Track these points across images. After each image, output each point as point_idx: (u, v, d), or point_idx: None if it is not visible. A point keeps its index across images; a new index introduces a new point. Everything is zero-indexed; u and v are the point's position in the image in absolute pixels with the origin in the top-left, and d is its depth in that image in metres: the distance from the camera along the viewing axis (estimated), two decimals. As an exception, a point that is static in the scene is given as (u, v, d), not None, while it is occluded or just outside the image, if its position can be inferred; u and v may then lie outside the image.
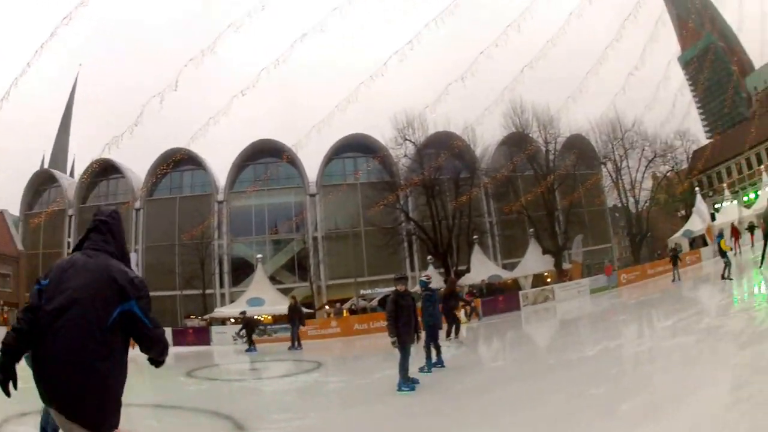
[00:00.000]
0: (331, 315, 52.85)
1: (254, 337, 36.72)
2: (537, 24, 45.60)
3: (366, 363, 25.53)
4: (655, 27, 52.65)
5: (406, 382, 13.98)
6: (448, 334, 25.63)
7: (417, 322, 15.29)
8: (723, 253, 29.56)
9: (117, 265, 5.04)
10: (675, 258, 40.15)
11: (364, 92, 44.86)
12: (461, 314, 35.29)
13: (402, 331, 14.14)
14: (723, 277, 28.24)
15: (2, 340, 4.81)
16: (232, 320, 51.86)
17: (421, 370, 16.35)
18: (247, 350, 35.34)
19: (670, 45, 76.01)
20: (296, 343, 32.85)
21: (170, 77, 39.91)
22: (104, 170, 72.74)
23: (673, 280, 38.45)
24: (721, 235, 32.69)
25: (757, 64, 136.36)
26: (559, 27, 47.34)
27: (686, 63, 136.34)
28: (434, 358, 17.66)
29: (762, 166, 78.66)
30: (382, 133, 69.70)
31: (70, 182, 79.96)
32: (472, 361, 21.51)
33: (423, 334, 16.51)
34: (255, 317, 44.65)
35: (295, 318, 33.84)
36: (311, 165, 75.88)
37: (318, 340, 40.43)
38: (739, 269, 31.15)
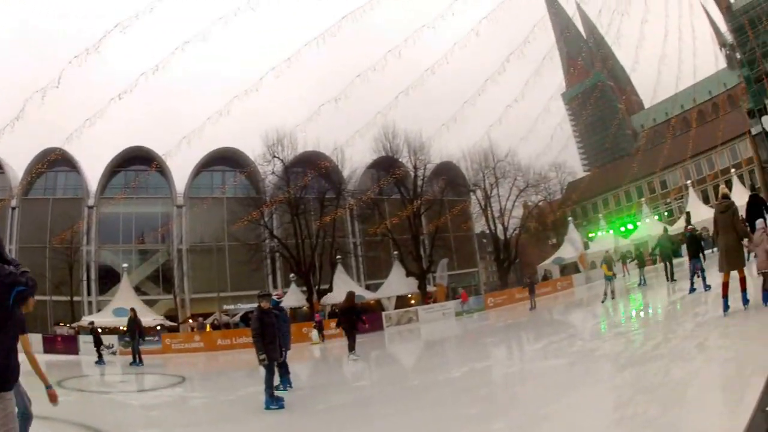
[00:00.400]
0: (195, 329, 51.83)
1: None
2: (420, 51, 45.93)
3: (230, 379, 24.84)
4: (542, 63, 53.32)
5: (274, 400, 13.90)
6: (351, 349, 24.93)
7: (281, 340, 15.46)
8: (608, 278, 30.36)
9: None
10: (531, 286, 41.70)
11: (238, 106, 44.46)
12: (313, 335, 35.42)
13: (267, 348, 14.08)
14: (603, 301, 29.39)
15: None
16: (99, 330, 50.97)
17: (276, 388, 15.70)
18: (96, 362, 34.22)
19: (555, 81, 77.01)
20: (137, 358, 31.34)
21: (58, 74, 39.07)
22: None
23: (531, 308, 39.10)
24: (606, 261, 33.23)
25: (648, 104, 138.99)
26: (441, 56, 47.75)
27: (570, 99, 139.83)
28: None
29: (642, 199, 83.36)
30: (253, 149, 69.45)
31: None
32: (335, 380, 21.16)
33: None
34: (99, 329, 43.85)
35: (135, 331, 32.24)
36: (182, 176, 74.94)
37: (181, 354, 40.53)
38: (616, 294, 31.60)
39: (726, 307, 14.16)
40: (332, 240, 67.79)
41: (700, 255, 21.45)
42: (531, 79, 50.87)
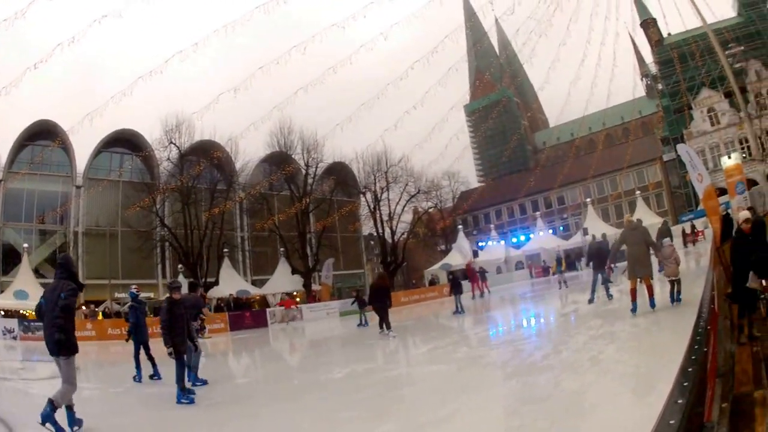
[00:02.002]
0: (88, 317, 48.53)
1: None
2: (326, 49, 45.37)
3: (122, 370, 23.81)
4: (447, 73, 53.04)
5: (185, 394, 13.26)
6: (388, 327, 24.87)
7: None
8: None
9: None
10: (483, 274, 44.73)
11: (143, 88, 43.95)
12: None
13: (177, 341, 13.39)
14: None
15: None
16: (2, 312, 48.58)
17: (151, 377, 16.84)
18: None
19: (460, 92, 77.44)
20: None
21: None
22: None
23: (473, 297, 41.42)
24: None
25: (553, 122, 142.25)
26: (345, 57, 47.42)
27: (471, 111, 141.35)
28: (152, 370, 17.58)
29: (537, 213, 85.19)
30: (151, 132, 68.21)
31: None
32: (223, 374, 19.86)
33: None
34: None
35: None
36: (84, 155, 72.13)
37: (80, 342, 39.13)
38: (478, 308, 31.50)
39: (634, 308, 16.53)
40: (220, 232, 67.37)
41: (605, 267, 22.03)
42: (433, 89, 50.63)
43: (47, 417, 9.56)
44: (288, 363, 24.41)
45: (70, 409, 10.62)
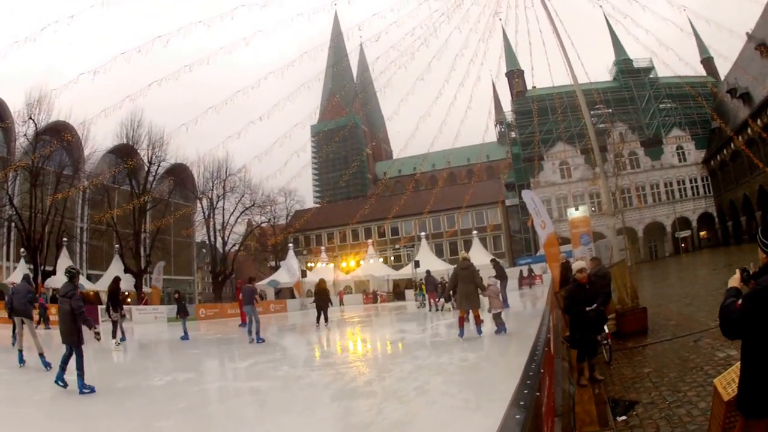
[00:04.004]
0: None
1: None
2: (190, 46, 44.86)
3: None
4: (298, 89, 52.89)
5: (85, 384, 12.86)
6: (318, 321, 31.15)
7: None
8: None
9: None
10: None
11: (15, 54, 42.63)
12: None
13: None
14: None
15: None
16: None
17: None
18: None
19: (309, 111, 78.19)
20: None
21: None
22: None
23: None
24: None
25: (396, 154, 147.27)
26: (202, 56, 47.03)
27: (317, 132, 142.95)
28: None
29: (370, 240, 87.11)
30: (14, 103, 65.90)
31: None
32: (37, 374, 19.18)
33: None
34: None
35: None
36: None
37: None
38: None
39: (461, 333, 19.16)
40: (62, 219, 65.00)
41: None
42: (283, 102, 50.49)
43: None
44: (112, 363, 22.74)
45: None
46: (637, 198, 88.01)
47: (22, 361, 17.80)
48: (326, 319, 31.40)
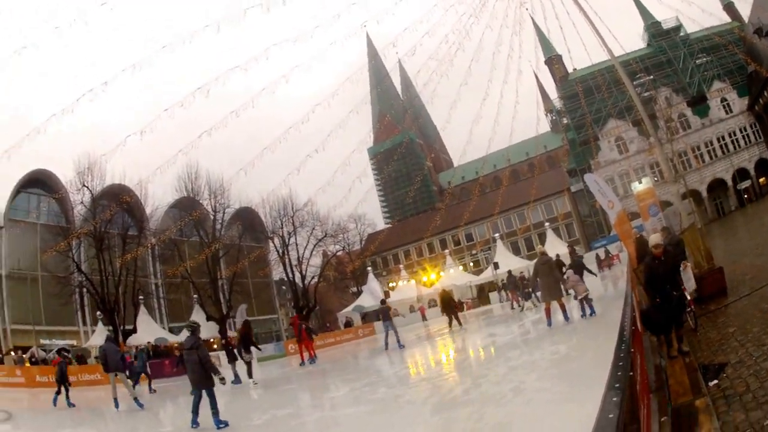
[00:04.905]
0: (17, 363, 46.63)
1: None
2: (231, 92, 44.93)
3: (58, 417, 22.72)
4: (348, 116, 52.64)
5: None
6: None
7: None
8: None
9: None
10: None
11: (57, 126, 42.55)
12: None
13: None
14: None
15: None
16: None
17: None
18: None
19: (362, 133, 77.95)
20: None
21: None
22: None
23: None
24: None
25: (457, 162, 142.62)
26: (247, 100, 46.96)
27: (375, 154, 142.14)
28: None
29: (446, 251, 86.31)
30: (65, 174, 66.40)
31: None
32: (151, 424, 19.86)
33: None
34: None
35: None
36: (4, 194, 69.89)
37: (5, 389, 36.73)
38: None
39: (549, 323, 19.53)
40: (134, 279, 65.55)
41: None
42: (335, 131, 50.24)
43: None
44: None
45: None
46: (695, 158, 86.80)
47: (117, 406, 21.52)
48: (459, 322, 33.17)
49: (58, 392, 24.62)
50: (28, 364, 46.13)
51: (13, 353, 51.15)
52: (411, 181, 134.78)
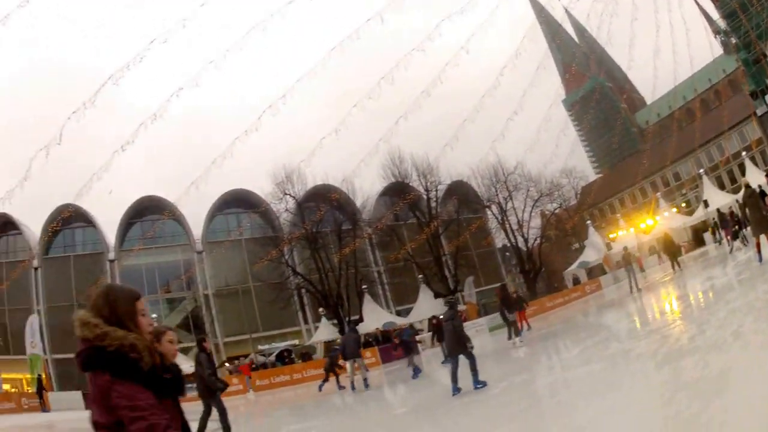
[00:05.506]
0: (232, 372, 49.63)
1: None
2: (414, 72, 45.55)
3: (274, 419, 25.44)
4: (536, 72, 52.98)
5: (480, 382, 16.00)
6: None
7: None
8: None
9: None
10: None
11: (239, 146, 44.28)
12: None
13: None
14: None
15: None
16: None
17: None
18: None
19: (553, 88, 77.04)
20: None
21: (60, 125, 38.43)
22: (2, 226, 69.99)
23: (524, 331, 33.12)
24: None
25: (649, 99, 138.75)
26: (434, 77, 47.46)
27: (571, 105, 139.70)
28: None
29: (658, 194, 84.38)
30: (262, 188, 69.74)
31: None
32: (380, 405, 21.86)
33: None
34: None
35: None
36: (196, 221, 75.10)
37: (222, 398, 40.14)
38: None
39: (760, 259, 19.11)
40: (355, 270, 67.85)
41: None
42: (528, 90, 50.48)
43: None
44: (442, 384, 21.24)
45: None
46: None
47: (354, 388, 25.51)
48: (678, 266, 34.69)
49: (326, 380, 28.53)
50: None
51: (227, 364, 54.36)
52: (611, 127, 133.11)
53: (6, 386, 55.10)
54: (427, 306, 60.62)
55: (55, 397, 43.27)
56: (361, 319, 59.66)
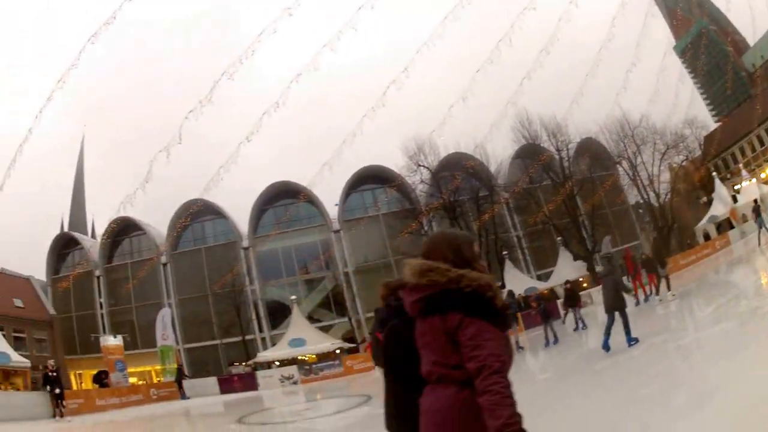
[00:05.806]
0: None
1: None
2: (527, 34, 45.26)
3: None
4: (646, 20, 52.47)
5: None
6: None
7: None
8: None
9: None
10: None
11: (368, 123, 44.93)
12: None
13: None
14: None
15: None
16: (277, 363, 52.46)
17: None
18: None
19: (664, 36, 75.95)
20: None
21: (176, 122, 39.03)
22: (125, 228, 72.60)
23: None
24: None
25: (751, 41, 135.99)
26: (550, 36, 47.25)
27: (682, 51, 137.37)
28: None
29: None
30: (395, 161, 70.31)
31: (92, 243, 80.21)
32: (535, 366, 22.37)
33: None
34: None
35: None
36: (331, 201, 75.30)
37: (365, 374, 40.81)
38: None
39: None
40: (495, 236, 67.92)
41: None
42: (641, 39, 49.98)
43: None
44: (585, 345, 25.13)
45: None
46: None
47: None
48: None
49: None
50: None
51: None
52: (722, 71, 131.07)
53: (132, 380, 56.46)
54: (567, 268, 60.35)
55: (188, 383, 45.03)
56: (503, 286, 58.89)
